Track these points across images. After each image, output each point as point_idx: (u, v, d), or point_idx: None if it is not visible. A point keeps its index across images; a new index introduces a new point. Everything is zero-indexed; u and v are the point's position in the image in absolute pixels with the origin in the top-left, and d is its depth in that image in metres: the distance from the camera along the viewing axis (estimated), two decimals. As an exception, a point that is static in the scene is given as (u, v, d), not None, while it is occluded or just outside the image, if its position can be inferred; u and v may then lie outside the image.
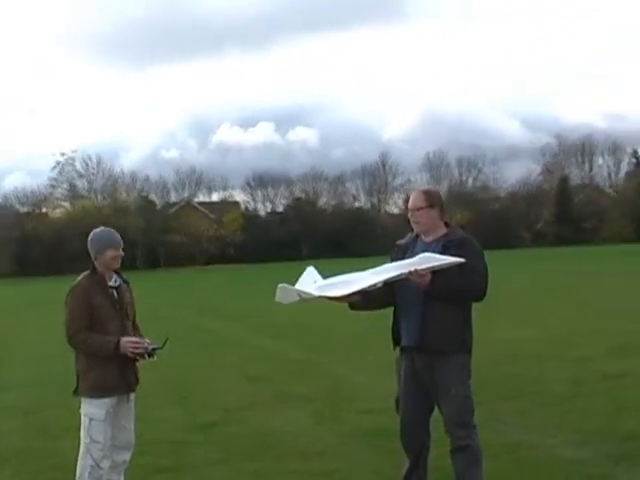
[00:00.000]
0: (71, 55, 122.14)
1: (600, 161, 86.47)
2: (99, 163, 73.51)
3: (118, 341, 5.60)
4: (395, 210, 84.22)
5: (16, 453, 7.79)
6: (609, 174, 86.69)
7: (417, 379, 5.65)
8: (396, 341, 5.74)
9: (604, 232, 75.11)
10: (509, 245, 71.33)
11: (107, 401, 5.66)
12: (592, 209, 77.38)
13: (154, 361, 5.72)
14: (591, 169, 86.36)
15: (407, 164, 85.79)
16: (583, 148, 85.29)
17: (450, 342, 5.51)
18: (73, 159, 71.53)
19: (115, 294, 5.90)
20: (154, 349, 5.67)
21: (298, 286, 5.76)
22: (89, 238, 5.96)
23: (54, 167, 71.26)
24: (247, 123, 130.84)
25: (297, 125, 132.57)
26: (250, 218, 75.94)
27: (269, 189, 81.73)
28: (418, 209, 5.67)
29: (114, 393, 5.69)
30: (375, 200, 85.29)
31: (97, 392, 5.62)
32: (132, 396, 5.87)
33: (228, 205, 78.54)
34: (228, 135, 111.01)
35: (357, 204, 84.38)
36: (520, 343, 13.27)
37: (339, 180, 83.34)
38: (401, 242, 5.87)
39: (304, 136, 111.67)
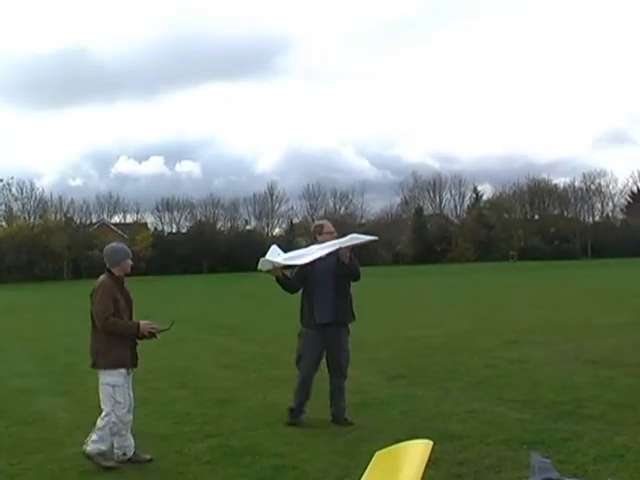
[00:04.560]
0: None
1: (448, 195, 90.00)
2: (32, 188, 72.06)
3: (139, 324, 6.35)
4: (278, 232, 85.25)
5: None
6: (455, 206, 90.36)
7: (323, 345, 7.34)
8: (306, 320, 7.39)
9: (451, 253, 78.06)
10: (371, 263, 73.06)
11: (123, 371, 6.29)
12: (441, 235, 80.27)
13: (157, 339, 6.52)
14: (440, 202, 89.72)
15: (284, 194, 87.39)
16: (434, 184, 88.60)
17: (351, 315, 7.49)
18: (10, 184, 69.76)
19: (126, 292, 6.57)
20: (162, 330, 6.48)
21: (269, 257, 7.21)
22: (108, 250, 6.58)
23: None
24: (141, 156, 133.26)
25: (183, 159, 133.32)
26: (158, 237, 75.22)
27: (175, 213, 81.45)
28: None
29: (127, 366, 6.34)
30: (263, 224, 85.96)
31: (117, 364, 6.25)
32: (133, 371, 6.52)
33: (139, 226, 77.66)
34: (125, 166, 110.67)
35: (248, 227, 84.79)
36: (428, 339, 14.10)
37: (233, 206, 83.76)
38: None
39: (189, 168, 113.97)
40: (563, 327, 15.07)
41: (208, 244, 73.03)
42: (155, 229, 78.90)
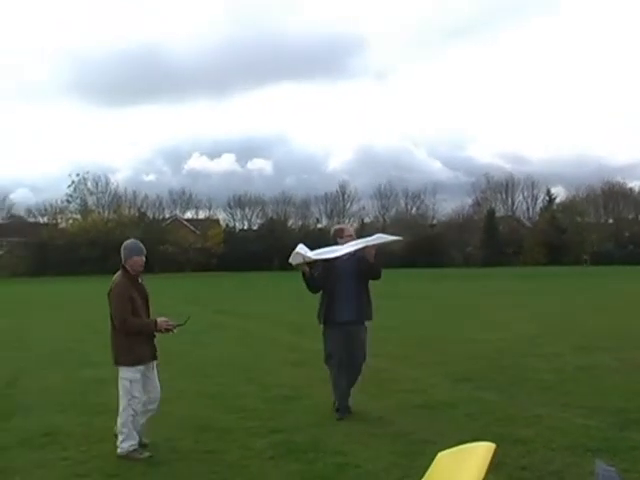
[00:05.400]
0: (68, 97, 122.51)
1: (520, 197, 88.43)
2: (107, 183, 73.95)
3: (156, 321, 6.52)
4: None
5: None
6: (527, 209, 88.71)
7: (347, 341, 7.71)
8: (327, 318, 7.78)
9: (523, 257, 76.61)
10: (442, 264, 72.54)
11: (141, 367, 6.49)
12: (513, 237, 78.92)
13: (174, 334, 6.68)
14: (513, 204, 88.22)
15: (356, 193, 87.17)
16: (506, 186, 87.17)
17: (369, 315, 7.91)
18: (86, 179, 71.67)
19: (142, 289, 6.70)
20: (177, 325, 6.67)
21: (300, 251, 7.51)
22: (123, 246, 6.67)
23: (69, 185, 71.43)
24: (213, 154, 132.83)
25: (254, 156, 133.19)
26: (230, 234, 76.17)
27: (246, 210, 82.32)
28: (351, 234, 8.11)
29: (146, 361, 6.55)
30: (334, 222, 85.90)
31: (137, 361, 6.46)
32: (155, 363, 6.73)
33: (210, 222, 78.76)
34: (197, 163, 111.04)
35: (319, 225, 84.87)
36: (495, 342, 13.93)
37: (305, 204, 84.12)
38: None
39: (261, 165, 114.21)
40: (634, 334, 14.68)
41: (279, 242, 73.30)
42: (227, 225, 79.86)
